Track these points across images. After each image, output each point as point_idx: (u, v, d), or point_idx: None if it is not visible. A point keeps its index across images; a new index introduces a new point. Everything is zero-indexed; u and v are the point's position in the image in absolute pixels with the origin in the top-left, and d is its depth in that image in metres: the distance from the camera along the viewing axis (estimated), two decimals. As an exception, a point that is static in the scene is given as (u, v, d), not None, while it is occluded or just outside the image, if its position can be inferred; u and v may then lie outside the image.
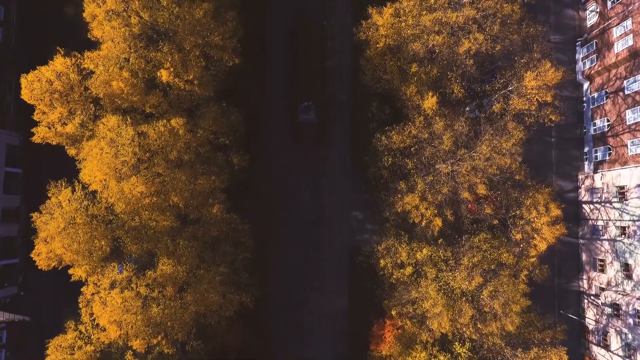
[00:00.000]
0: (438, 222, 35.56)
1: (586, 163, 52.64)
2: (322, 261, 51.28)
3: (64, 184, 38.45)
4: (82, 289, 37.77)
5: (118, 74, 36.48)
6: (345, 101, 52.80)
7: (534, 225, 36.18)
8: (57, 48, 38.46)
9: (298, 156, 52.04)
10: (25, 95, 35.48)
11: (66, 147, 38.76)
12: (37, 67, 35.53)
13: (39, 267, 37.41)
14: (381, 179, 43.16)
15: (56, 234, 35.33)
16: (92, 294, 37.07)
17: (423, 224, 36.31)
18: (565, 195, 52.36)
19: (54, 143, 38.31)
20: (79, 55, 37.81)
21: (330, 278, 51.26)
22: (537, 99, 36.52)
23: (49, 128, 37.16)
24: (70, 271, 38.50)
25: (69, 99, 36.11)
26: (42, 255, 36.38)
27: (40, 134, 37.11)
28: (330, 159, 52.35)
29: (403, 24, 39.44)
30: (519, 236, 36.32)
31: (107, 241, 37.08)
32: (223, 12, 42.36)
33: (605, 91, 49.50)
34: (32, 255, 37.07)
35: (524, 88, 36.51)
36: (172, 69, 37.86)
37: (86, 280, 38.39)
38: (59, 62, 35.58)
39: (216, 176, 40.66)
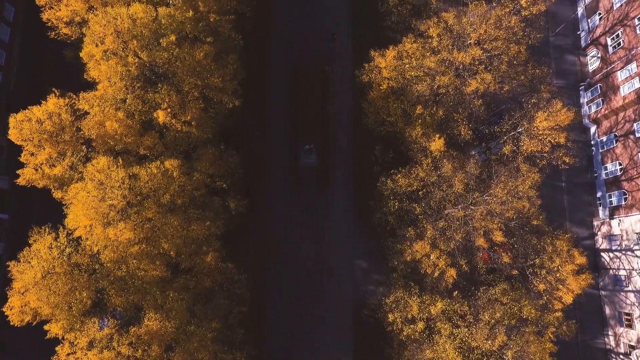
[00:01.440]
0: (452, 272, 32.53)
1: (600, 208, 50.27)
2: (324, 315, 47.24)
3: (47, 230, 35.72)
4: (56, 348, 33.80)
5: (113, 114, 35.08)
6: (348, 144, 51.41)
7: (557, 275, 33.08)
8: (53, 89, 37.40)
9: (299, 201, 49.74)
10: (13, 135, 33.80)
11: (53, 191, 36.48)
12: (28, 107, 34.16)
13: (12, 323, 33.73)
14: (387, 225, 40.54)
15: (33, 285, 32.09)
16: (67, 354, 33.09)
17: (436, 274, 33.21)
18: (581, 242, 49.39)
19: (40, 186, 36.10)
20: (74, 96, 36.60)
21: (333, 334, 46.96)
22: (549, 140, 34.90)
23: (36, 170, 35.12)
24: (47, 327, 34.74)
25: (59, 140, 34.38)
26: (15, 310, 32.88)
27: (26, 176, 34.98)
28: (333, 204, 50.00)
29: (407, 65, 38.78)
30: (542, 287, 33.08)
31: (89, 293, 33.74)
32: (224, 55, 41.97)
33: (615, 134, 48.25)
34: (4, 309, 33.54)
35: (535, 129, 35.02)
36: (169, 110, 36.52)
37: (63, 338, 34.51)
38: (52, 102, 34.28)
39: (211, 222, 38.05)
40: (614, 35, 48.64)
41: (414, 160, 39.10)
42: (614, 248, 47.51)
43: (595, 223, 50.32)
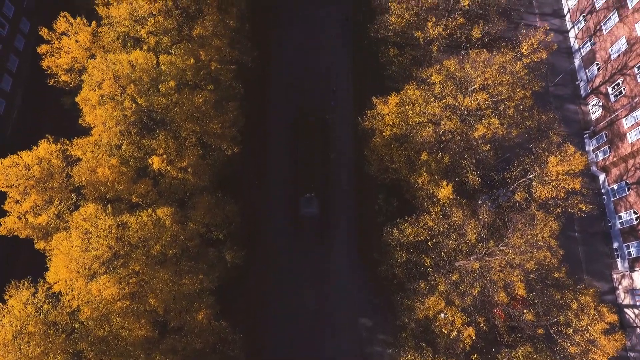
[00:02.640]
0: (471, 332, 29.27)
1: (619, 260, 47.40)
2: (326, 381, 42.74)
3: (27, 284, 32.79)
4: None
5: (106, 160, 33.62)
6: (350, 193, 49.62)
7: (587, 335, 29.75)
8: (47, 135, 36.25)
9: (299, 253, 46.97)
10: (-3, 181, 32.07)
11: (35, 241, 34.03)
12: (17, 152, 32.74)
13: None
14: (394, 279, 37.63)
15: (1, 346, 28.64)
16: None
17: (453, 334, 29.87)
18: (602, 297, 45.99)
19: (22, 236, 33.70)
20: (67, 142, 35.34)
21: (337, 403, 42.19)
22: (563, 186, 33.16)
23: (19, 219, 32.93)
24: (14, 397, 30.69)
25: (46, 187, 32.56)
26: (-22, 377, 29.12)
27: (7, 225, 32.67)
28: (335, 256, 47.18)
29: (410, 112, 38.02)
30: (573, 349, 29.54)
31: (64, 357, 30.16)
32: (224, 103, 41.45)
33: (626, 182, 46.66)
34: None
35: (547, 174, 33.40)
36: (165, 156, 35.13)
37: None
38: (43, 148, 32.92)
39: (205, 275, 35.20)
40: (614, 84, 48.72)
41: (422, 209, 37.07)
42: (639, 304, 44.06)
43: (615, 276, 47.22)
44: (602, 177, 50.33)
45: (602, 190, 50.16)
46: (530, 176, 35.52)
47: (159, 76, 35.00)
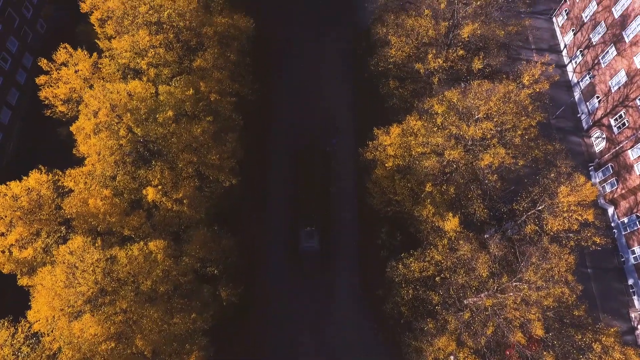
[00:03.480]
0: (486, 376, 26.82)
1: (635, 298, 45.02)
2: None
3: (6, 324, 30.49)
4: None
5: (99, 191, 32.33)
6: (352, 227, 47.96)
7: (614, 381, 27.23)
8: (40, 166, 35.18)
9: (299, 290, 44.64)
10: (-18, 213, 30.57)
11: (18, 277, 32.04)
12: (6, 183, 31.48)
13: None
14: (401, 317, 35.27)
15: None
16: None
17: (467, 379, 27.37)
18: (621, 338, 43.23)
19: (5, 271, 31.76)
20: (60, 173, 34.18)
21: None
22: (576, 217, 31.69)
23: (3, 252, 31.15)
24: None
25: (34, 218, 31.02)
26: None
27: (-10, 260, 30.89)
28: (337, 293, 44.82)
29: (412, 142, 37.20)
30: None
31: (40, 406, 27.49)
32: (223, 134, 40.74)
33: (637, 215, 45.15)
34: None
35: (558, 205, 32.03)
36: (160, 187, 33.90)
37: None
38: (33, 178, 31.69)
39: (198, 314, 32.95)
40: (616, 116, 48.39)
41: (427, 242, 35.37)
42: (661, 345, 41.30)
43: (632, 315, 44.64)
44: (610, 210, 48.89)
45: (612, 224, 48.55)
46: (540, 208, 34.12)
47: (157, 106, 34.45)
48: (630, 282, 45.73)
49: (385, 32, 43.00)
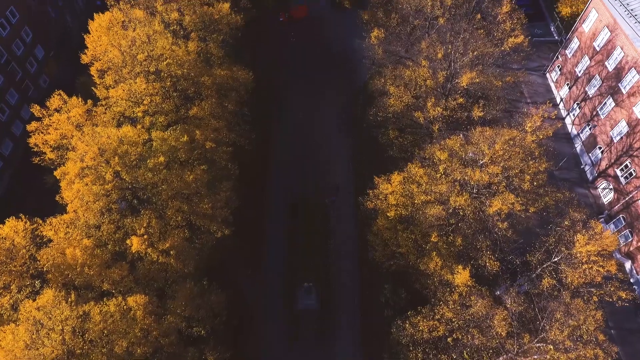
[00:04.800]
0: None
1: (668, 363, 40.62)
2: None
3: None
4: None
5: (78, 241, 29.93)
6: (353, 284, 44.67)
7: None
8: (20, 215, 33.06)
9: (295, 354, 40.34)
10: (-53, 264, 27.93)
11: (-21, 337, 28.52)
12: (-21, 231, 29.20)
13: None
14: (411, 386, 31.11)
15: None
16: None
17: None
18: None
19: (-35, 331, 28.34)
20: (40, 222, 31.99)
21: None
22: (597, 269, 29.04)
23: (-35, 309, 28.04)
24: None
25: (4, 270, 28.32)
26: None
27: (-52, 318, 27.65)
28: (338, 358, 40.45)
29: (415, 190, 35.45)
30: None
31: None
32: (217, 183, 39.13)
33: (657, 269, 42.27)
34: None
35: (576, 256, 29.50)
36: (146, 237, 31.51)
37: None
38: (9, 226, 29.48)
39: (179, 382, 29.03)
40: (622, 166, 47.24)
41: (436, 298, 32.28)
42: None
43: (667, 383, 39.96)
44: (628, 264, 45.94)
45: (631, 280, 45.35)
46: (556, 259, 31.52)
47: (149, 152, 33.18)
48: (660, 345, 41.59)
49: (383, 82, 43.18)
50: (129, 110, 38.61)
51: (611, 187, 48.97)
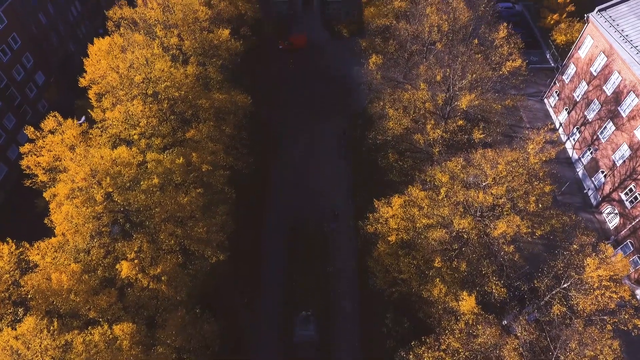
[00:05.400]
0: None
1: (688, 398, 38.20)
2: None
3: None
4: None
5: (65, 266, 28.58)
6: (353, 313, 42.73)
7: None
8: (7, 239, 31.81)
9: (292, 390, 38.02)
10: None
11: (-47, 371, 26.64)
12: (-40, 255, 27.88)
13: None
14: None
15: None
16: None
17: None
18: None
19: (-62, 364, 26.50)
20: (27, 246, 30.71)
21: None
22: (609, 295, 27.58)
23: (-61, 339, 26.24)
24: None
25: (-16, 297, 26.84)
26: None
27: None
28: (337, 394, 38.12)
29: (416, 213, 34.42)
30: None
31: None
32: (213, 207, 38.10)
33: (670, 297, 40.56)
34: None
35: (587, 281, 28.11)
36: (137, 262, 30.15)
37: None
38: (-7, 250, 28.18)
39: (166, 420, 26.92)
40: (626, 190, 46.38)
41: (441, 327, 30.58)
42: None
43: (689, 421, 37.43)
44: (638, 291, 44.23)
45: (643, 308, 43.47)
46: (566, 285, 30.08)
47: (143, 174, 32.32)
48: (678, 378, 39.27)
49: (382, 105, 42.97)
50: (125, 133, 38.08)
51: (616, 211, 47.92)
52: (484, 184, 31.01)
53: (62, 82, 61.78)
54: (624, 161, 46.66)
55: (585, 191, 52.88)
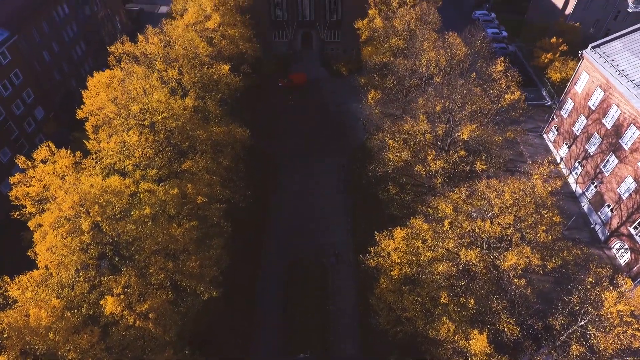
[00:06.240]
0: None
1: None
2: None
3: None
4: None
5: (46, 301, 26.64)
6: (354, 355, 39.91)
7: None
8: (-12, 274, 29.96)
9: None
10: None
11: None
12: None
13: None
14: None
15: None
16: None
17: None
18: None
19: None
20: (8, 281, 28.82)
21: None
22: (633, 333, 25.53)
23: None
24: None
25: (-45, 336, 24.69)
26: None
27: None
28: None
29: (420, 245, 32.85)
30: None
31: None
32: (207, 240, 36.50)
33: (693, 337, 37.95)
34: None
35: (607, 317, 26.13)
36: (123, 297, 28.19)
37: None
38: (-31, 285, 26.36)
39: None
40: (635, 224, 44.96)
41: (450, 369, 28.17)
42: None
43: None
44: (658, 332, 41.57)
45: (664, 350, 40.70)
46: (583, 322, 28.01)
47: (135, 205, 31.07)
48: None
49: (382, 137, 42.52)
50: (120, 164, 37.19)
51: (626, 246, 46.23)
52: (490, 213, 29.74)
53: (62, 118, 61.88)
54: (630, 194, 45.61)
55: (592, 226, 51.42)
